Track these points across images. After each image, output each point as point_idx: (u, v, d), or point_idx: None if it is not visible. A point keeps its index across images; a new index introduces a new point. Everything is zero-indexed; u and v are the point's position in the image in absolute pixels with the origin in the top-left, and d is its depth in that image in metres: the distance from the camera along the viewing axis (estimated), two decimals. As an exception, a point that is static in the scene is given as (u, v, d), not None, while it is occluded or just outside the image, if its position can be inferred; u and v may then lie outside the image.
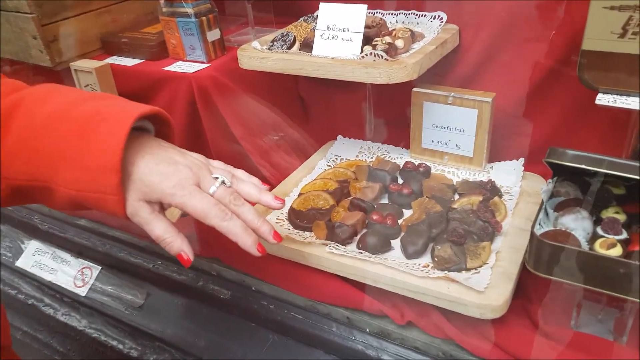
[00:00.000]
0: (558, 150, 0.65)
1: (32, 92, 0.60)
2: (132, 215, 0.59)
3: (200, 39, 1.01)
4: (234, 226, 0.62)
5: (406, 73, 0.81)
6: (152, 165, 0.59)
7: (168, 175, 0.60)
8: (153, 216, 0.60)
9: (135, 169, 0.59)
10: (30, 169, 0.58)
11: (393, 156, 1.09)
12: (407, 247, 0.78)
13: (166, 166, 0.60)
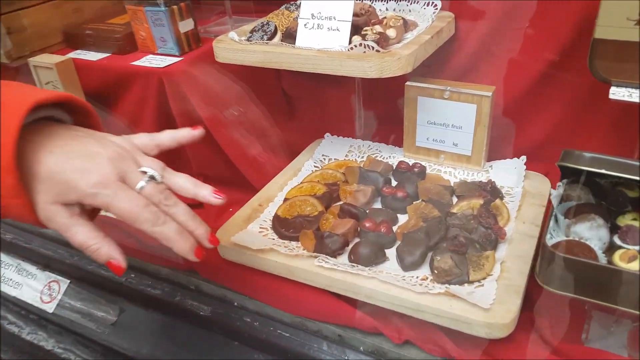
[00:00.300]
0: (574, 153, 0.60)
1: None
2: (47, 220, 0.53)
3: (171, 30, 0.94)
4: (168, 230, 0.56)
5: (400, 66, 0.76)
6: (64, 161, 0.53)
7: (86, 171, 0.53)
8: (72, 221, 0.54)
9: (43, 167, 0.52)
10: None
11: (385, 155, 1.03)
12: (404, 257, 0.72)
13: (83, 161, 0.53)
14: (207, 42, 1.01)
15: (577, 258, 0.54)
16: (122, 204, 0.54)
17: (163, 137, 0.64)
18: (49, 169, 0.52)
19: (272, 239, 0.82)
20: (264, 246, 0.76)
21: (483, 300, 0.63)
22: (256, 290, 0.81)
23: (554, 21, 0.84)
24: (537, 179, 0.90)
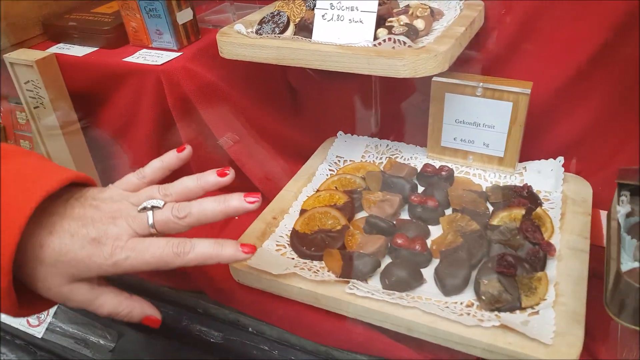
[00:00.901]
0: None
1: None
2: (65, 301, 0.52)
3: (168, 22, 0.86)
4: (202, 249, 0.54)
5: (436, 64, 0.69)
6: (69, 241, 0.50)
7: (96, 242, 0.51)
8: (94, 293, 0.53)
9: (49, 251, 0.50)
10: None
11: (406, 156, 0.97)
12: (445, 280, 0.67)
13: (87, 232, 0.51)
14: (206, 34, 0.93)
15: (661, 291, 0.49)
16: (146, 256, 0.51)
17: (150, 171, 0.62)
18: (54, 252, 0.50)
19: (291, 258, 0.76)
20: (285, 270, 0.70)
21: (542, 332, 0.58)
22: (276, 316, 0.75)
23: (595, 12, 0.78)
24: (577, 182, 0.85)
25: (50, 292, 0.52)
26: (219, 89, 0.90)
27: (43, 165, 0.54)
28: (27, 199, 0.48)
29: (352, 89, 1.05)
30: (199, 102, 0.87)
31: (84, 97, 0.92)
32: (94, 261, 0.50)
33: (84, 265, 0.51)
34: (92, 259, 0.50)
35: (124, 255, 0.51)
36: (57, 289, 0.51)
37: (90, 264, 0.51)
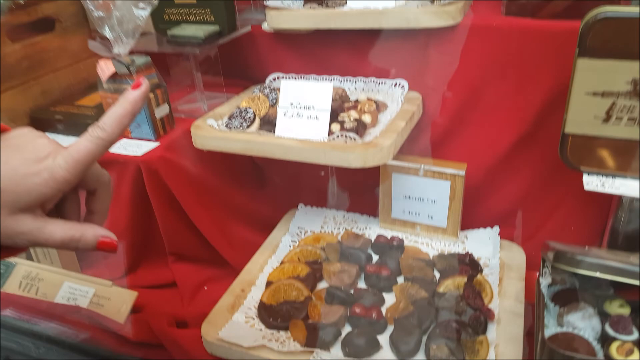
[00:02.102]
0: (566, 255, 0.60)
1: None
2: (11, 236, 0.46)
3: (147, 116, 0.89)
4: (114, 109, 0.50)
5: (382, 156, 0.75)
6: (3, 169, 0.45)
7: (30, 162, 0.45)
8: (42, 221, 0.47)
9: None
10: None
11: (361, 226, 1.01)
12: (399, 346, 0.69)
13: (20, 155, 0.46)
14: (180, 123, 0.97)
15: (578, 356, 0.53)
16: (75, 155, 0.47)
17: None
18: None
19: (259, 329, 0.77)
20: (254, 342, 0.71)
21: (485, 393, 0.61)
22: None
23: (520, 99, 0.85)
24: (512, 249, 0.90)
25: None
26: (191, 173, 0.93)
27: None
28: None
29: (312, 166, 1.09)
30: (174, 185, 0.89)
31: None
32: (31, 183, 0.45)
33: (24, 191, 0.45)
34: (28, 181, 0.45)
35: (58, 168, 0.46)
36: (4, 224, 0.46)
37: (30, 188, 0.45)
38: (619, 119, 0.63)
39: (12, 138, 0.49)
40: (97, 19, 0.83)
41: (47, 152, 0.47)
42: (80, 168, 0.47)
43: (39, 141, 0.48)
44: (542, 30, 0.80)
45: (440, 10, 0.81)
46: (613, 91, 0.61)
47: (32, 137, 0.49)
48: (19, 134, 0.50)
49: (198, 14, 0.99)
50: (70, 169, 0.46)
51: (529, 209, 0.94)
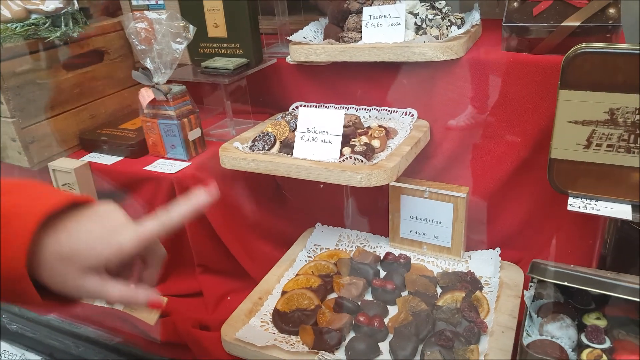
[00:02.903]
0: (540, 266, 0.67)
1: None
2: (79, 294, 0.55)
3: (181, 139, 1.01)
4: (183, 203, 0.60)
5: (385, 177, 0.83)
6: (83, 236, 0.55)
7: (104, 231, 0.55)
8: (106, 282, 0.56)
9: (65, 247, 0.54)
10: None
11: (372, 245, 1.09)
12: (397, 352, 0.76)
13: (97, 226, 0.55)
14: (210, 146, 1.08)
15: (551, 359, 0.59)
16: (142, 232, 0.56)
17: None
18: (69, 248, 0.54)
19: (273, 333, 0.86)
20: (267, 342, 0.80)
21: (470, 395, 0.67)
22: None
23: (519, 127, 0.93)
24: (511, 270, 0.96)
25: (66, 286, 0.55)
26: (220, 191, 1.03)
27: (55, 190, 0.59)
28: (46, 205, 0.53)
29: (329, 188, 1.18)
30: (203, 201, 0.99)
31: (111, 196, 1.05)
32: (103, 249, 0.54)
33: (95, 254, 0.54)
34: (101, 248, 0.54)
35: (126, 240, 0.54)
36: (72, 282, 0.54)
37: (100, 253, 0.54)
38: (598, 145, 0.70)
39: (98, 212, 0.59)
40: (140, 52, 0.95)
41: (121, 227, 0.57)
42: (144, 244, 0.57)
43: (116, 216, 0.58)
44: (537, 65, 0.87)
45: (443, 45, 0.90)
46: (592, 120, 0.69)
47: (111, 211, 0.59)
48: (105, 209, 0.60)
49: (229, 48, 1.12)
50: (135, 244, 0.56)
51: (530, 232, 1.00)
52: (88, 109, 1.16)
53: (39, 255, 0.54)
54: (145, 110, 1.01)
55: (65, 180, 1.04)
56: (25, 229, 0.53)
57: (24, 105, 1.01)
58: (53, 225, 0.56)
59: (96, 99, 1.17)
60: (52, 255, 0.55)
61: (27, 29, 1.00)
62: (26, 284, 0.54)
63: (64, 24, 1.04)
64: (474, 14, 1.07)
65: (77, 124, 1.13)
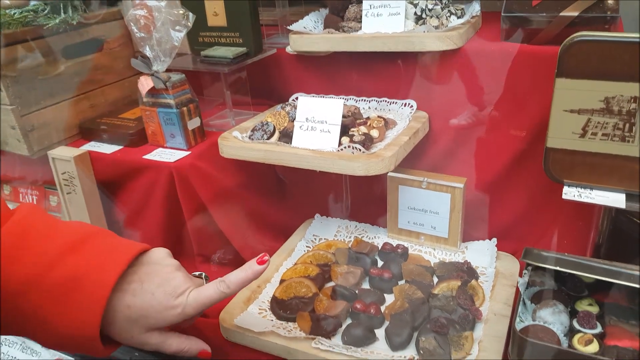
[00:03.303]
0: (533, 252, 0.68)
1: (2, 238, 0.58)
2: (139, 345, 0.62)
3: (180, 128, 1.02)
4: (235, 279, 0.68)
5: (384, 165, 0.85)
6: (149, 298, 0.62)
7: (168, 297, 0.63)
8: (164, 337, 0.64)
9: (134, 310, 0.61)
10: (8, 327, 0.58)
11: (371, 235, 1.11)
12: (392, 338, 0.78)
13: (163, 290, 0.64)
14: (210, 136, 1.10)
15: (543, 343, 0.61)
16: (202, 301, 0.65)
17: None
18: (138, 310, 0.62)
19: (270, 320, 0.87)
20: (265, 329, 0.81)
21: (464, 379, 0.69)
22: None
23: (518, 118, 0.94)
24: (508, 260, 0.98)
25: (131, 341, 0.63)
26: (219, 181, 1.05)
27: (119, 242, 0.66)
28: (111, 270, 0.60)
29: (328, 179, 1.20)
30: (202, 191, 1.01)
31: (111, 186, 1.07)
32: (168, 314, 0.63)
33: (162, 318, 0.63)
34: (166, 313, 0.63)
35: (188, 307, 0.64)
36: (137, 338, 0.62)
37: (166, 317, 0.63)
38: (594, 134, 0.71)
39: (154, 264, 0.67)
40: (139, 39, 0.96)
41: (183, 290, 0.65)
42: (203, 309, 0.66)
43: (177, 276, 0.66)
44: (536, 55, 0.89)
45: (442, 35, 0.92)
46: (588, 109, 0.70)
47: (171, 270, 0.67)
48: (158, 258, 0.69)
49: (228, 37, 1.13)
50: (197, 309, 0.65)
51: (526, 223, 1.02)
52: (88, 98, 1.17)
53: (107, 317, 0.60)
54: (144, 99, 1.03)
55: (64, 168, 1.05)
56: (99, 296, 0.59)
57: (23, 92, 1.02)
58: (120, 286, 0.62)
59: (96, 88, 1.19)
60: (120, 318, 0.62)
61: (25, 16, 1.02)
62: (97, 343, 0.59)
63: (63, 11, 1.06)
64: (474, 5, 1.08)
65: (77, 113, 1.15)
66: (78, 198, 1.07)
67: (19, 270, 0.57)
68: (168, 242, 1.07)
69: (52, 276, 0.58)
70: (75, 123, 1.14)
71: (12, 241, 0.58)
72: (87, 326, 0.58)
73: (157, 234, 1.06)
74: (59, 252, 0.60)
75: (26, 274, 0.57)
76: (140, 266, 0.65)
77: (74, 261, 0.59)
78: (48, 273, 0.58)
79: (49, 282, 0.57)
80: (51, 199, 1.23)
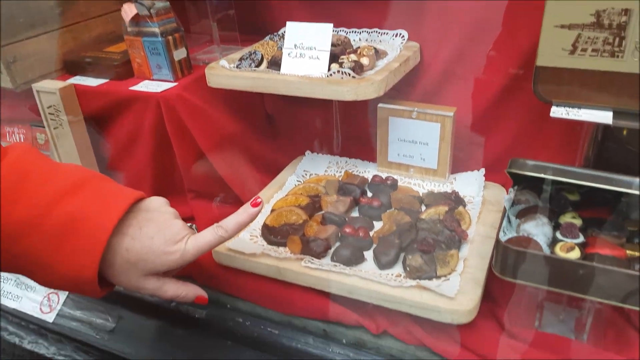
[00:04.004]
0: (519, 161, 0.70)
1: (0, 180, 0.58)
2: (136, 289, 0.63)
3: (166, 58, 1.01)
4: (233, 223, 0.69)
5: (373, 89, 0.85)
6: (148, 243, 0.63)
7: (168, 243, 0.64)
8: (161, 282, 0.65)
9: (134, 253, 0.62)
10: (8, 267, 0.59)
11: (361, 170, 1.12)
12: (380, 258, 0.80)
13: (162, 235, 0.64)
14: (197, 69, 1.08)
15: (526, 250, 0.63)
16: (200, 246, 0.66)
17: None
18: (137, 254, 0.62)
19: (261, 245, 0.89)
20: (256, 251, 0.83)
21: (449, 291, 0.71)
22: (248, 292, 0.87)
23: (507, 49, 0.94)
24: (495, 189, 0.99)
25: (128, 284, 0.63)
26: (207, 113, 1.05)
27: (117, 188, 0.66)
28: (111, 214, 0.60)
29: (318, 116, 1.20)
30: (191, 123, 1.01)
31: (97, 119, 1.06)
32: (166, 259, 0.64)
33: (161, 263, 0.63)
34: (165, 258, 0.64)
35: (187, 253, 0.65)
36: (135, 282, 0.63)
37: (164, 262, 0.64)
38: (583, 50, 0.71)
39: (153, 211, 0.67)
40: (122, -35, 0.94)
41: (181, 237, 0.66)
42: (200, 254, 0.67)
43: (175, 223, 0.67)
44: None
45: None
46: (578, 23, 0.70)
47: (169, 217, 0.68)
48: (156, 206, 0.69)
49: (215, -34, 1.10)
50: (195, 255, 0.66)
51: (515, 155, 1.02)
52: (71, 31, 1.14)
53: (106, 260, 0.61)
54: (128, 28, 1.01)
55: (50, 102, 1.04)
56: (98, 239, 0.59)
57: (3, 22, 1.00)
58: (119, 229, 0.62)
59: (79, 22, 1.16)
60: (119, 261, 0.62)
61: (3, -59, 0.98)
62: (94, 286, 0.60)
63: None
64: None
65: (60, 46, 1.13)
66: (65, 133, 1.06)
67: (17, 212, 0.57)
68: (158, 177, 1.08)
69: (51, 218, 0.58)
70: (59, 57, 1.12)
71: (10, 183, 0.58)
72: (86, 268, 0.58)
73: (147, 169, 1.06)
74: (58, 194, 0.59)
75: (25, 216, 0.57)
76: (139, 212, 0.66)
77: (74, 203, 0.59)
78: (47, 215, 0.58)
79: (48, 223, 0.58)
80: (39, 137, 1.22)
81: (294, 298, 0.83)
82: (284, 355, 0.84)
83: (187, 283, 0.70)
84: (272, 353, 0.85)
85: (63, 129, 1.07)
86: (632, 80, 0.71)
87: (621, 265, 0.60)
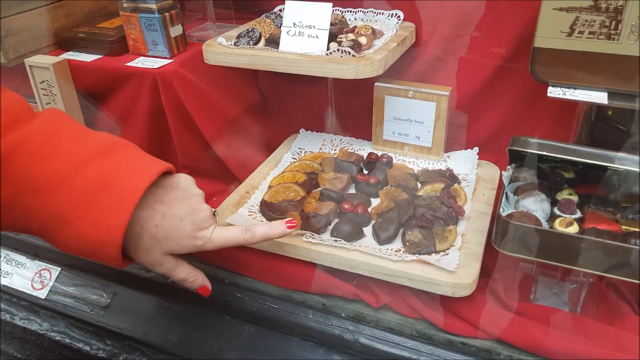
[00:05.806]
0: (520, 139, 0.69)
1: (33, 135, 0.55)
2: (152, 266, 0.61)
3: (163, 35, 0.97)
4: (261, 232, 0.69)
5: (373, 68, 0.83)
6: (178, 224, 0.61)
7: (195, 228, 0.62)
8: (177, 263, 0.64)
9: (162, 231, 0.60)
10: (26, 224, 0.56)
11: (356, 148, 1.11)
12: (380, 233, 0.80)
13: (191, 218, 0.63)
14: (192, 46, 1.05)
15: (525, 224, 0.63)
16: (224, 241, 0.65)
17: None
18: (165, 232, 0.60)
19: (261, 221, 0.88)
20: (255, 225, 0.82)
21: (449, 265, 0.71)
22: (248, 267, 0.86)
23: (501, 30, 0.93)
24: (488, 167, 0.99)
25: (147, 259, 0.61)
26: (203, 90, 1.02)
27: (149, 156, 0.64)
28: (143, 177, 0.58)
29: (312, 94, 1.18)
30: (187, 99, 0.98)
31: (91, 94, 1.03)
32: (189, 243, 0.62)
33: (183, 245, 0.62)
34: (188, 241, 0.62)
35: (209, 242, 0.63)
36: (154, 257, 0.61)
37: (186, 245, 0.62)
38: (580, 32, 0.70)
39: (183, 191, 0.65)
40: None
41: (208, 225, 0.64)
42: (221, 247, 0.65)
43: (204, 208, 0.65)
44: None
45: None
46: (576, 7, 0.69)
47: (199, 200, 0.66)
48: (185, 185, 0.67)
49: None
50: (217, 245, 0.65)
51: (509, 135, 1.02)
52: (63, 7, 1.10)
53: (133, 232, 0.59)
54: (124, 4, 0.97)
55: (43, 77, 1.00)
56: (128, 201, 0.56)
57: (-6, -6, 0.95)
58: (150, 204, 0.60)
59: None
60: (146, 236, 0.60)
61: None
62: (117, 250, 0.57)
63: None
64: None
65: (52, 21, 1.08)
66: (59, 108, 1.02)
67: (48, 167, 0.55)
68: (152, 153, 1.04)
69: (82, 176, 0.55)
70: (51, 32, 1.08)
71: (44, 138, 0.56)
72: (112, 230, 0.55)
73: (141, 145, 1.01)
74: (91, 154, 0.57)
75: (56, 171, 0.55)
76: (170, 190, 0.64)
77: (105, 164, 0.57)
78: (79, 172, 0.55)
79: (79, 181, 0.55)
80: (29, 114, 1.18)
81: (293, 273, 0.81)
82: (283, 329, 0.83)
83: (197, 269, 0.69)
84: (271, 327, 0.84)
85: (55, 104, 1.03)
86: (627, 62, 0.71)
87: (618, 239, 0.61)
